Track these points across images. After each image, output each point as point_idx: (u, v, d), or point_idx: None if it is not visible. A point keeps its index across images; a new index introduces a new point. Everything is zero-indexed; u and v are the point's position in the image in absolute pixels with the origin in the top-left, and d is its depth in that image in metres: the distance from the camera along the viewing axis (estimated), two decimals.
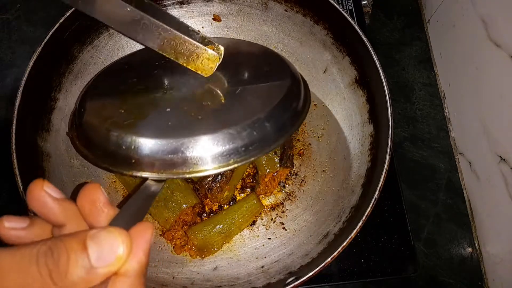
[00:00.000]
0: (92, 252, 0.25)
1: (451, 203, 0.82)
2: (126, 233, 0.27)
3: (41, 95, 0.65)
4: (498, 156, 0.71)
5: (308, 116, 0.77)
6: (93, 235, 0.26)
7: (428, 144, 0.86)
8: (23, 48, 0.90)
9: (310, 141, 0.76)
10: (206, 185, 0.68)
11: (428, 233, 0.80)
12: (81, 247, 0.25)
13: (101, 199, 0.31)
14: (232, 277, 0.65)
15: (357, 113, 0.70)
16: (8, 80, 0.88)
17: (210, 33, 0.80)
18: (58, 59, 0.67)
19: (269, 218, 0.72)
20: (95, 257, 0.25)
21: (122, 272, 0.27)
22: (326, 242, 0.63)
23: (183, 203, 0.67)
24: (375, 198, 0.56)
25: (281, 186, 0.74)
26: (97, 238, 0.26)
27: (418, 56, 0.93)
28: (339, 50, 0.71)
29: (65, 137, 0.69)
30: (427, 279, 0.77)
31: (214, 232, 0.67)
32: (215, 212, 0.72)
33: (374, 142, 0.65)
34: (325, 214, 0.68)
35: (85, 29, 0.69)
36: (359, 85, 0.69)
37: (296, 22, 0.75)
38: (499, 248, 0.74)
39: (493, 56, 0.71)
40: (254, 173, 0.74)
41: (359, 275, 0.74)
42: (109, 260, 0.25)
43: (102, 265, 0.25)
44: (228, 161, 0.41)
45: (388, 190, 0.76)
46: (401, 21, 0.96)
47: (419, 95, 0.90)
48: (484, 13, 0.73)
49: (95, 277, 0.25)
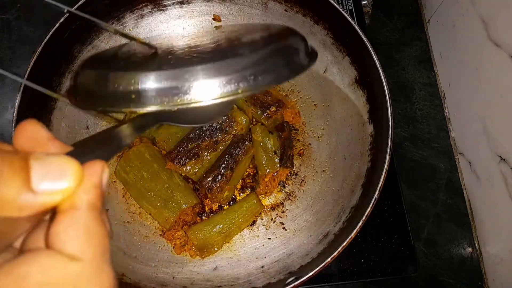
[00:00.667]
0: (35, 172, 0.21)
1: (451, 203, 0.82)
2: (77, 162, 0.23)
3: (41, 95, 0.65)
4: (498, 156, 0.71)
5: (308, 116, 0.78)
6: (39, 156, 0.22)
7: (428, 144, 0.86)
8: (23, 48, 0.90)
9: (310, 141, 0.76)
10: (206, 185, 0.68)
11: (428, 233, 0.80)
12: (22, 164, 0.21)
13: (44, 135, 0.25)
14: (232, 277, 0.65)
15: (357, 113, 0.70)
16: (8, 80, 0.88)
17: None
18: (58, 59, 0.67)
19: (269, 218, 0.72)
20: (38, 179, 0.21)
21: (70, 205, 0.23)
22: (326, 242, 0.63)
23: (183, 203, 0.67)
24: (375, 198, 0.57)
25: (281, 186, 0.74)
26: (43, 160, 0.22)
27: (418, 56, 0.93)
28: (339, 50, 0.71)
29: (66, 138, 0.69)
30: (427, 279, 0.77)
31: (214, 232, 0.67)
32: (215, 212, 0.72)
33: (374, 142, 0.65)
34: (325, 214, 0.68)
35: (85, 29, 0.69)
36: (359, 85, 0.69)
37: (296, 22, 0.74)
38: (499, 248, 0.74)
39: (493, 56, 0.71)
40: (254, 173, 0.74)
41: (359, 275, 0.74)
42: (54, 186, 0.22)
43: (44, 191, 0.21)
44: (237, 89, 0.37)
45: (388, 190, 0.76)
46: (401, 21, 0.96)
47: (419, 95, 0.90)
48: (484, 13, 0.73)
49: (29, 204, 0.21)
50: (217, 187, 0.68)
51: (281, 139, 0.71)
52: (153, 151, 0.71)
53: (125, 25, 0.74)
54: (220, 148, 0.70)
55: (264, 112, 0.72)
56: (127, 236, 0.68)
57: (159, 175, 0.68)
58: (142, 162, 0.69)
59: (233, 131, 0.71)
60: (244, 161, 0.71)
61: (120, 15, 0.73)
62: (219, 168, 0.69)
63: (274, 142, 0.70)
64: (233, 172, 0.69)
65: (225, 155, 0.70)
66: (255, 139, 0.71)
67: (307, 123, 0.77)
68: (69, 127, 0.70)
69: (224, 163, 0.69)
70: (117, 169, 0.70)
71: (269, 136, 0.70)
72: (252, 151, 0.71)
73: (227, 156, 0.69)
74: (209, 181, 0.68)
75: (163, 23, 0.78)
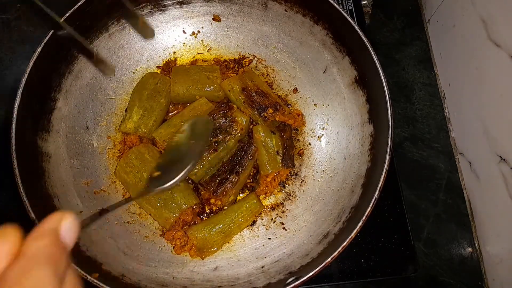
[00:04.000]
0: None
1: (451, 203, 0.82)
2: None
3: (41, 95, 0.65)
4: (498, 156, 0.71)
5: (308, 116, 0.78)
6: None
7: (428, 144, 0.86)
8: (23, 48, 0.90)
9: (310, 141, 0.76)
10: (211, 188, 0.68)
11: (428, 233, 0.80)
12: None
13: None
14: (232, 277, 0.65)
15: (357, 113, 0.70)
16: (8, 80, 0.88)
17: (210, 33, 0.80)
18: (58, 59, 0.67)
19: (269, 218, 0.72)
20: None
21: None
22: (326, 242, 0.63)
23: (183, 203, 0.67)
24: (375, 198, 0.56)
25: (281, 186, 0.74)
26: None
27: (418, 56, 0.93)
28: (339, 50, 0.71)
29: (65, 138, 0.69)
30: (427, 279, 0.77)
31: (214, 232, 0.67)
32: (215, 212, 0.71)
33: (374, 142, 0.65)
34: (325, 214, 0.68)
35: (85, 29, 0.69)
36: (359, 85, 0.69)
37: (296, 22, 0.75)
38: (499, 248, 0.74)
39: (493, 56, 0.71)
40: (254, 173, 0.74)
41: (359, 275, 0.74)
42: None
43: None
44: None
45: (388, 190, 0.76)
46: (401, 21, 0.96)
47: (419, 95, 0.90)
48: (484, 13, 0.73)
49: None
50: (222, 190, 0.68)
51: (283, 139, 0.71)
52: (153, 152, 0.71)
53: (125, 25, 0.74)
54: (220, 148, 0.70)
55: (261, 114, 0.72)
56: (127, 236, 0.68)
57: None
58: (142, 162, 0.69)
59: (233, 131, 0.71)
60: (250, 165, 0.71)
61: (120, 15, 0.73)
62: (225, 172, 0.69)
63: (276, 142, 0.70)
64: (239, 176, 0.69)
65: (232, 160, 0.70)
66: (257, 139, 0.71)
67: (307, 123, 0.77)
68: (69, 127, 0.70)
69: (230, 167, 0.69)
70: (117, 170, 0.70)
71: (271, 136, 0.70)
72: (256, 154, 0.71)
73: (234, 161, 0.69)
74: (213, 185, 0.68)
75: (163, 23, 0.78)
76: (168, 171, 0.59)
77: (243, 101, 0.73)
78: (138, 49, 0.78)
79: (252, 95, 0.73)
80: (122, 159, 0.70)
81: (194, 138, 0.64)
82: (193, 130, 0.65)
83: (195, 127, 0.66)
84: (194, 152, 0.62)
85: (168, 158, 0.63)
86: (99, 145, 0.73)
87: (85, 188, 0.69)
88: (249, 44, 0.80)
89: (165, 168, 0.60)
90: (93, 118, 0.74)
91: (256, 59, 0.80)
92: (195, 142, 0.64)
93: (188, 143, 0.64)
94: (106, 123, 0.75)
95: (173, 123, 0.72)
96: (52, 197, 0.62)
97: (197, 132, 0.65)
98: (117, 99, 0.76)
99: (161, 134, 0.71)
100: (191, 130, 0.65)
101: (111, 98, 0.76)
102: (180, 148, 0.63)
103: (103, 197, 0.70)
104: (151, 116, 0.72)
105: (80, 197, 0.67)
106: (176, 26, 0.80)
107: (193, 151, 0.62)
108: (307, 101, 0.78)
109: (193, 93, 0.75)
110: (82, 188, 0.68)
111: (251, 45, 0.80)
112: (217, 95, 0.76)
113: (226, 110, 0.71)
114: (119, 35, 0.75)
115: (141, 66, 0.78)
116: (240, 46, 0.80)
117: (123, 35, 0.75)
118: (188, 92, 0.75)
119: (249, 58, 0.80)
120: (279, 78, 0.80)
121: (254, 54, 0.80)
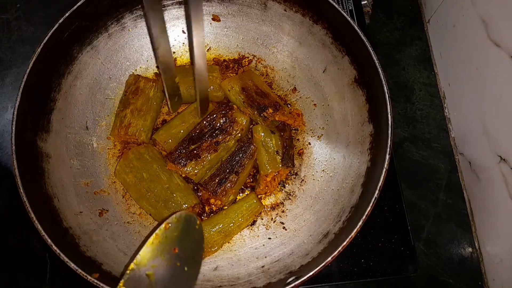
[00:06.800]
0: None
1: (451, 203, 0.82)
2: None
3: (41, 95, 0.65)
4: (498, 156, 0.71)
5: (307, 115, 0.78)
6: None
7: (428, 144, 0.86)
8: (23, 48, 0.90)
9: (310, 141, 0.76)
10: (211, 188, 0.68)
11: (428, 233, 0.80)
12: None
13: None
14: (232, 277, 0.65)
15: (357, 112, 0.70)
16: (8, 80, 0.88)
17: (210, 33, 0.80)
18: (58, 59, 0.67)
19: (269, 217, 0.72)
20: None
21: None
22: (326, 242, 0.63)
23: (183, 203, 0.67)
24: (375, 198, 0.56)
25: (281, 186, 0.74)
26: None
27: (418, 56, 0.93)
28: (338, 49, 0.71)
29: (65, 138, 0.69)
30: (427, 279, 0.77)
31: (214, 231, 0.67)
32: (215, 212, 0.71)
33: (374, 142, 0.65)
34: (325, 213, 0.68)
35: (85, 29, 0.69)
36: (359, 84, 0.69)
37: (295, 21, 0.74)
38: (499, 248, 0.74)
39: (493, 56, 0.71)
40: (254, 173, 0.74)
41: (359, 275, 0.74)
42: None
43: None
44: None
45: (388, 190, 0.76)
46: (401, 21, 0.96)
47: (419, 95, 0.90)
48: (484, 13, 0.73)
49: None
50: (221, 190, 0.68)
51: (283, 139, 0.71)
52: (152, 152, 0.71)
53: (124, 25, 0.74)
54: (220, 148, 0.70)
55: (261, 114, 0.72)
56: (127, 236, 0.68)
57: (159, 175, 0.68)
58: (142, 162, 0.69)
59: (234, 131, 0.71)
60: (249, 165, 0.71)
61: (119, 15, 0.73)
62: (224, 172, 0.69)
63: (276, 141, 0.70)
64: (239, 176, 0.69)
65: (231, 160, 0.70)
66: (256, 139, 0.71)
67: (307, 123, 0.77)
68: (68, 127, 0.70)
69: (230, 167, 0.69)
70: (117, 170, 0.70)
71: (271, 136, 0.70)
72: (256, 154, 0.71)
73: (233, 161, 0.69)
74: (213, 184, 0.68)
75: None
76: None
77: (243, 101, 0.73)
78: (137, 49, 0.78)
79: (251, 95, 0.73)
80: (122, 160, 0.70)
81: (183, 262, 0.50)
82: (181, 247, 0.50)
83: (183, 241, 0.51)
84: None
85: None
86: (99, 146, 0.73)
87: (85, 189, 0.69)
88: (248, 44, 0.80)
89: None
90: (93, 118, 0.74)
91: (255, 59, 0.80)
92: (187, 269, 0.49)
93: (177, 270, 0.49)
94: (105, 123, 0.75)
95: (174, 124, 0.72)
96: (52, 197, 0.62)
97: (187, 253, 0.50)
98: (117, 99, 0.76)
99: (162, 135, 0.72)
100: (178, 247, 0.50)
101: (110, 98, 0.76)
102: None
103: (103, 197, 0.70)
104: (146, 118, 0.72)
105: (80, 197, 0.67)
106: (175, 26, 0.80)
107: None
108: (306, 101, 0.78)
109: (193, 93, 0.75)
110: (82, 189, 0.68)
111: (250, 45, 0.80)
112: (217, 95, 0.76)
113: (227, 110, 0.71)
114: (119, 35, 0.75)
115: (140, 66, 0.78)
116: (240, 46, 0.80)
117: (123, 35, 0.75)
118: (188, 92, 0.75)
119: (248, 58, 0.80)
120: (278, 78, 0.80)
121: (253, 54, 0.80)
